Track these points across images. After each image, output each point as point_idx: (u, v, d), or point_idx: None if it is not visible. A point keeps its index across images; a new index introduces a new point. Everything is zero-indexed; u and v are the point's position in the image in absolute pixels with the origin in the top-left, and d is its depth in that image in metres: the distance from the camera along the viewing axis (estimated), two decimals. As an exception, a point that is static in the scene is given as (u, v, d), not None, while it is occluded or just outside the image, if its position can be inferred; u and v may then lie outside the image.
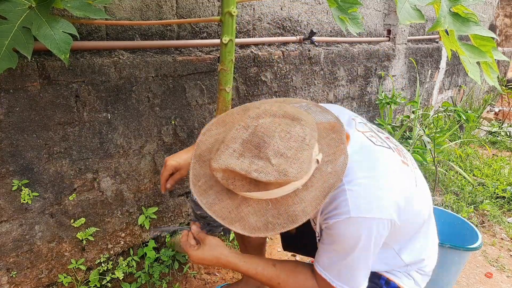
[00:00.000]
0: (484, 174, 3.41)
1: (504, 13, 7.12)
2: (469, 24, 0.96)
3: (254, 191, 0.88)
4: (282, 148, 0.85)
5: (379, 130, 1.24)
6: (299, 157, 0.86)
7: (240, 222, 0.92)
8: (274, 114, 0.91)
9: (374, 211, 0.98)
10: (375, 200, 0.99)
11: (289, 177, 0.84)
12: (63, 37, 1.08)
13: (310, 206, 0.91)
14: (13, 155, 1.32)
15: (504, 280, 2.15)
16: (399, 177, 1.07)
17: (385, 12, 3.35)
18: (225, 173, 0.88)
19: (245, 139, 0.88)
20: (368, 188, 0.99)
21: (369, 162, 1.04)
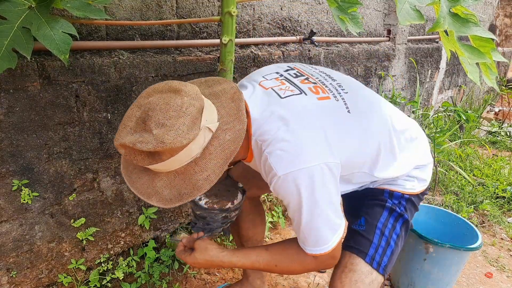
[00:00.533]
0: (484, 174, 3.41)
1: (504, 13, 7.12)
2: (468, 25, 0.96)
3: (154, 164, 0.94)
4: (161, 118, 0.91)
5: (298, 73, 1.24)
6: (175, 124, 0.90)
7: (155, 195, 0.98)
8: (161, 90, 0.97)
9: (298, 163, 0.99)
10: (296, 153, 1.00)
11: (165, 144, 0.88)
12: (63, 37, 1.08)
13: (213, 173, 0.96)
14: (13, 155, 1.32)
15: (504, 280, 2.15)
16: (317, 116, 1.07)
17: (385, 12, 3.35)
18: (125, 149, 0.94)
19: (138, 116, 0.95)
20: (285, 144, 1.01)
21: (280, 118, 1.05)
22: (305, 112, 1.07)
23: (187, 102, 0.94)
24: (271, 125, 1.04)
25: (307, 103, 1.09)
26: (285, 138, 1.01)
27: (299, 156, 1.00)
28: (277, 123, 1.04)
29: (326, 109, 1.09)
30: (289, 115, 1.04)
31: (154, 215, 1.80)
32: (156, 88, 0.99)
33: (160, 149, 0.89)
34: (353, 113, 1.11)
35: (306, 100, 1.10)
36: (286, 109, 1.06)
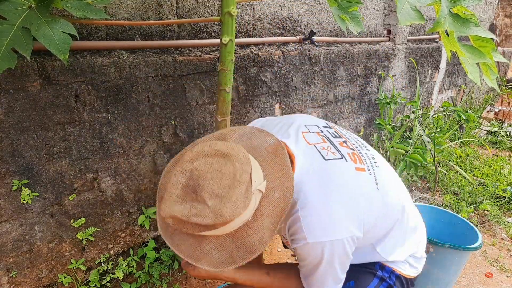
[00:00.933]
0: (484, 174, 3.41)
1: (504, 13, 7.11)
2: (469, 25, 0.96)
3: (206, 231, 0.91)
4: (215, 188, 0.87)
5: (335, 133, 1.24)
6: (232, 195, 0.87)
7: (205, 258, 0.94)
8: (207, 154, 0.93)
9: (330, 235, 1.01)
10: (330, 224, 1.01)
11: (225, 217, 0.86)
12: (63, 37, 1.08)
13: (265, 234, 0.94)
14: (13, 155, 1.32)
15: (504, 280, 2.15)
16: (354, 188, 1.07)
17: (385, 12, 3.34)
18: (173, 219, 0.91)
19: (184, 183, 0.90)
20: (321, 213, 1.01)
21: (320, 182, 1.05)
22: (345, 183, 1.07)
23: (239, 168, 0.90)
24: (311, 187, 1.04)
25: (347, 171, 1.09)
26: (322, 207, 1.02)
27: (331, 228, 1.01)
28: (317, 188, 1.04)
29: (361, 182, 1.10)
30: (330, 183, 1.05)
31: (154, 215, 1.80)
32: (200, 151, 0.94)
33: (219, 222, 0.87)
34: (380, 189, 1.12)
35: (345, 167, 1.10)
36: (327, 174, 1.06)
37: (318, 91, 2.63)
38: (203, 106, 1.88)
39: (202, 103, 1.87)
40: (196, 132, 1.89)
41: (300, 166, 1.07)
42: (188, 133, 1.85)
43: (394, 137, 3.10)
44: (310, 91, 2.56)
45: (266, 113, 2.28)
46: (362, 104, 3.23)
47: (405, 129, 3.41)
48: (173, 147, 1.81)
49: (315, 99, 2.63)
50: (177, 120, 1.78)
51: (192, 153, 0.94)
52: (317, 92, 2.62)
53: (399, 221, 1.19)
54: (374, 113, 3.42)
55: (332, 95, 2.80)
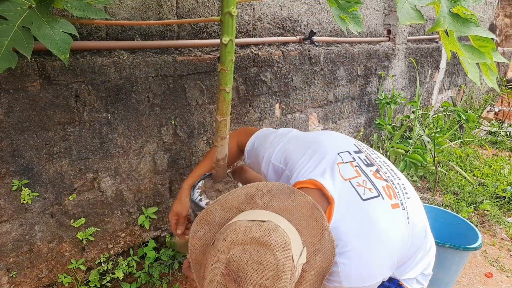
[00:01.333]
0: (484, 174, 3.41)
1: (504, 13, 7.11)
2: (469, 25, 0.96)
3: None
4: (259, 280, 0.84)
5: (367, 160, 1.19)
6: (278, 285, 0.84)
7: None
8: (242, 243, 0.87)
9: (365, 281, 1.00)
10: (368, 272, 1.00)
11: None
12: (63, 37, 1.08)
13: None
14: (13, 155, 1.32)
15: (504, 280, 2.15)
16: (392, 234, 1.05)
17: (385, 12, 3.34)
18: None
19: (223, 272, 0.87)
20: (360, 262, 1.00)
21: (359, 227, 1.03)
22: (384, 229, 1.04)
23: (281, 258, 0.85)
24: (350, 233, 1.02)
25: (384, 213, 1.06)
26: (361, 256, 1.00)
27: (368, 276, 1.00)
28: (356, 235, 1.02)
29: (397, 223, 1.07)
30: (370, 230, 1.02)
31: (154, 215, 1.80)
32: (235, 241, 0.88)
33: None
34: (410, 223, 1.10)
35: (383, 208, 1.07)
36: (366, 218, 1.04)
37: (318, 91, 2.63)
38: (203, 106, 1.88)
39: (202, 103, 1.87)
40: (196, 132, 1.89)
41: (338, 209, 1.04)
42: (188, 133, 1.85)
43: (394, 137, 3.10)
44: (310, 91, 2.56)
45: (266, 113, 2.28)
46: (362, 104, 3.23)
47: (405, 129, 3.41)
48: (173, 147, 1.81)
49: (315, 99, 2.63)
50: (177, 120, 1.78)
51: (226, 243, 0.88)
52: (317, 92, 2.62)
53: (421, 247, 1.18)
54: (374, 113, 3.42)
55: (332, 95, 2.80)
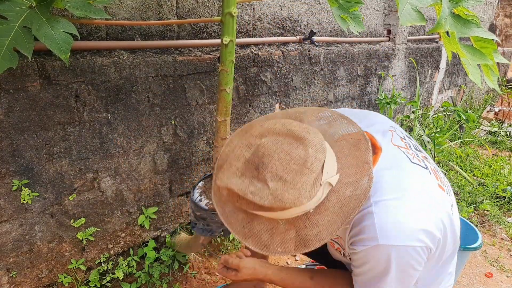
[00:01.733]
0: (484, 174, 3.41)
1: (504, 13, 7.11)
2: (470, 26, 0.96)
3: (260, 212, 0.85)
4: (280, 171, 0.80)
5: (417, 147, 1.13)
6: (298, 182, 0.79)
7: (253, 238, 0.89)
8: (278, 132, 0.84)
9: (405, 239, 0.89)
10: (407, 226, 0.90)
11: (285, 203, 0.79)
12: (64, 37, 1.08)
13: (325, 231, 0.85)
14: (13, 155, 1.32)
15: (504, 280, 2.15)
16: (434, 200, 0.97)
17: (385, 12, 3.34)
18: (229, 192, 0.86)
19: (247, 158, 0.84)
20: (398, 212, 0.90)
21: (401, 181, 0.94)
22: (428, 191, 0.97)
23: (312, 155, 0.81)
24: (391, 184, 0.94)
25: (430, 182, 1.00)
26: (401, 207, 0.91)
27: (408, 231, 0.89)
28: (398, 186, 0.93)
29: (442, 199, 1.00)
30: (413, 185, 0.95)
31: (154, 215, 1.80)
32: (271, 128, 0.85)
33: (277, 207, 0.80)
34: (453, 217, 1.03)
35: (429, 178, 1.00)
36: (411, 175, 0.97)
37: (318, 91, 2.63)
38: (203, 106, 1.88)
39: (202, 103, 1.87)
40: (196, 132, 1.89)
41: (384, 159, 0.97)
42: (188, 133, 1.85)
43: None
44: (310, 91, 2.56)
45: (266, 113, 2.28)
46: (362, 104, 3.23)
47: (405, 129, 3.40)
48: (173, 147, 1.81)
49: (315, 99, 2.63)
50: (177, 120, 1.78)
51: (262, 128, 0.86)
52: (317, 92, 2.62)
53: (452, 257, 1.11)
54: (374, 113, 3.42)
55: (332, 95, 2.80)
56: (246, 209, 0.86)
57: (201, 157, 1.96)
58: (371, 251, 0.91)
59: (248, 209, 0.86)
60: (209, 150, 1.99)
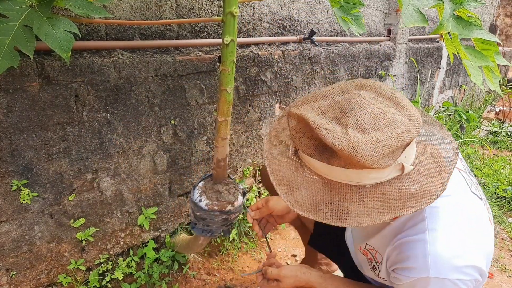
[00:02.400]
0: (484, 174, 3.41)
1: (504, 13, 7.11)
2: (472, 27, 0.95)
3: (316, 159, 0.78)
4: (367, 123, 0.73)
5: (470, 170, 1.07)
6: (379, 141, 0.72)
7: (288, 187, 0.82)
8: (381, 93, 0.78)
9: (458, 272, 0.82)
10: (462, 262, 0.83)
11: (356, 153, 0.71)
12: (65, 36, 1.07)
13: (368, 215, 0.78)
14: (13, 155, 1.31)
15: (505, 281, 2.14)
16: (487, 237, 0.91)
17: (385, 11, 3.34)
18: (298, 123, 0.79)
19: (336, 100, 0.78)
20: (454, 242, 0.84)
21: (460, 211, 0.88)
22: (483, 227, 0.90)
23: (407, 125, 0.75)
24: (449, 213, 0.87)
25: (485, 217, 0.93)
26: (458, 238, 0.84)
27: (462, 265, 0.83)
28: (456, 217, 0.87)
29: (491, 234, 0.94)
30: (472, 218, 0.88)
31: (154, 215, 1.80)
32: (375, 86, 0.80)
33: (347, 154, 0.72)
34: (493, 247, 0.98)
35: (484, 212, 0.94)
36: (469, 209, 0.90)
37: (318, 91, 2.62)
38: (203, 106, 1.87)
39: (202, 103, 1.86)
40: (196, 132, 1.88)
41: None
42: (187, 133, 1.85)
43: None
44: (311, 91, 2.56)
45: (266, 113, 2.27)
46: (362, 104, 3.22)
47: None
48: (173, 147, 1.81)
49: (315, 99, 2.62)
50: (177, 120, 1.77)
51: (366, 83, 0.79)
52: (317, 92, 2.61)
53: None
54: (374, 113, 3.42)
55: (332, 95, 2.79)
56: (303, 150, 0.79)
57: (201, 157, 1.96)
58: (419, 282, 0.84)
59: (304, 151, 0.79)
60: (209, 150, 1.99)
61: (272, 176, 0.84)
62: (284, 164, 0.84)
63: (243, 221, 2.23)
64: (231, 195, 1.33)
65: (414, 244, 0.85)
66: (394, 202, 0.77)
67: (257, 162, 2.35)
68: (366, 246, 1.08)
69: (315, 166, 0.80)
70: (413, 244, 0.85)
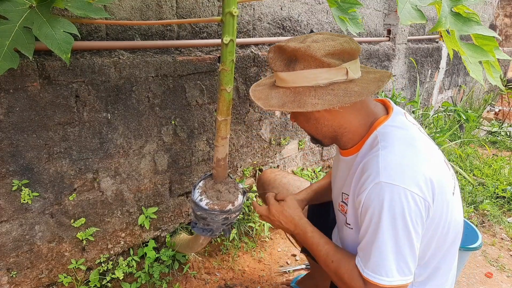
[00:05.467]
0: (484, 174, 3.41)
1: (504, 13, 7.12)
2: (470, 23, 0.96)
3: (286, 71, 1.04)
4: (319, 39, 1.02)
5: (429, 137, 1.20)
6: (325, 42, 0.99)
7: (264, 100, 1.08)
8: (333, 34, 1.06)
9: (407, 181, 0.92)
10: (410, 169, 0.94)
11: (309, 47, 0.98)
12: (64, 37, 1.08)
13: (321, 104, 0.99)
14: (13, 155, 1.32)
15: (504, 280, 2.15)
16: (440, 168, 1.02)
17: (385, 12, 3.34)
18: (274, 53, 1.07)
19: (303, 37, 1.07)
20: (404, 156, 0.96)
21: (411, 139, 1.02)
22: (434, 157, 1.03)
23: (351, 42, 1.02)
24: (400, 138, 1.02)
25: (437, 155, 1.06)
26: (406, 154, 0.97)
27: (408, 174, 0.93)
28: (406, 142, 1.01)
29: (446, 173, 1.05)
30: (420, 146, 1.02)
31: (154, 215, 1.80)
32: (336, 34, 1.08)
33: (302, 50, 0.99)
34: (455, 197, 1.08)
35: (437, 152, 1.08)
36: (420, 140, 1.04)
37: (318, 91, 2.62)
38: (203, 106, 1.88)
39: (202, 103, 1.87)
40: (196, 132, 1.88)
41: (395, 119, 1.07)
42: (188, 133, 1.85)
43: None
44: (310, 91, 2.56)
45: (266, 113, 2.28)
46: (362, 104, 3.22)
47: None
48: (173, 147, 1.81)
49: (315, 99, 2.62)
50: (177, 120, 1.78)
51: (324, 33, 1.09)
52: (317, 92, 2.62)
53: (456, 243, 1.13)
54: (374, 113, 3.42)
55: (332, 95, 2.79)
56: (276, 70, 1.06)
57: (201, 157, 1.96)
58: (372, 193, 0.95)
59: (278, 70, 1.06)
60: (209, 150, 1.99)
61: (253, 96, 1.12)
62: (262, 91, 1.13)
63: (243, 220, 2.23)
64: (231, 195, 1.33)
65: (370, 160, 1.00)
66: (341, 97, 0.99)
67: (257, 162, 2.35)
68: (343, 198, 1.18)
69: (284, 79, 1.05)
70: (369, 161, 1.01)
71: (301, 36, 1.09)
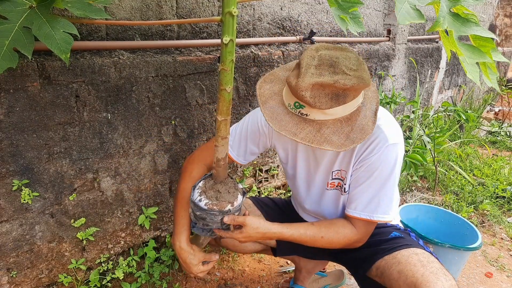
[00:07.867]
0: (484, 174, 3.41)
1: (504, 13, 7.11)
2: (469, 24, 0.96)
3: (335, 107, 1.04)
4: (349, 64, 1.03)
5: None
6: (364, 68, 1.05)
7: (326, 142, 1.06)
8: (327, 48, 1.09)
9: (400, 138, 1.23)
10: (398, 130, 1.25)
11: (365, 80, 1.03)
12: (64, 37, 1.08)
13: (370, 121, 1.11)
14: (13, 155, 1.32)
15: (504, 280, 2.15)
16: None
17: (385, 12, 3.34)
18: (312, 90, 1.02)
19: (316, 64, 1.04)
20: (392, 122, 1.26)
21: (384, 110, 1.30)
22: None
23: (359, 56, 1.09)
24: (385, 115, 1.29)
25: None
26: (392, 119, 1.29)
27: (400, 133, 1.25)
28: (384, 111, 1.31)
29: None
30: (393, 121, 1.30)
31: (154, 215, 1.80)
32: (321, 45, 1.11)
33: (360, 86, 1.03)
34: None
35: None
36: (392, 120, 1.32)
37: (318, 91, 2.62)
38: (203, 106, 1.88)
39: (202, 103, 1.87)
40: (196, 132, 1.89)
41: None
42: (188, 133, 1.85)
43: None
44: (310, 91, 2.56)
45: (266, 113, 2.27)
46: (362, 104, 3.22)
47: (405, 129, 3.41)
48: (173, 147, 1.81)
49: (315, 99, 2.62)
50: (177, 120, 1.78)
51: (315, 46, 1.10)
52: (317, 92, 2.62)
53: None
54: (374, 113, 3.42)
55: (332, 95, 2.79)
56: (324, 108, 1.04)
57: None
58: (382, 155, 1.20)
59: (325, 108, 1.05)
60: (209, 150, 1.99)
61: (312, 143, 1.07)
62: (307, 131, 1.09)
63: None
64: (231, 195, 1.33)
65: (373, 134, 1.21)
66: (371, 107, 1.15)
67: (257, 162, 2.35)
68: (333, 175, 1.36)
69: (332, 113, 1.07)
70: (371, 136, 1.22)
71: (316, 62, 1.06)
